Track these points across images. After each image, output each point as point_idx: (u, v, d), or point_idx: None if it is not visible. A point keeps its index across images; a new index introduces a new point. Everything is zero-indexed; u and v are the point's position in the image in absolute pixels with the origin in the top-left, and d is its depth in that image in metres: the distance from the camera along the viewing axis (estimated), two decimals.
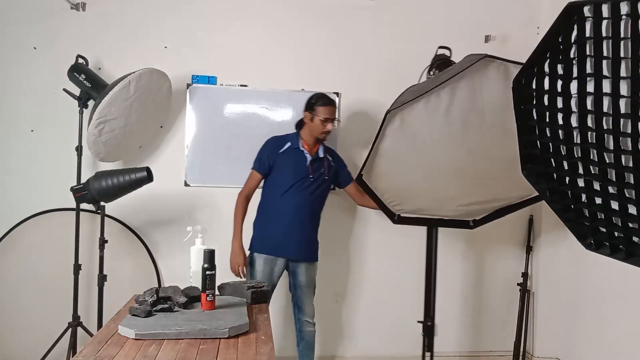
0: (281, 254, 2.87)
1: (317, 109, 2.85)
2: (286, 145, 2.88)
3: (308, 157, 2.89)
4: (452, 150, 2.63)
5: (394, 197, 2.80)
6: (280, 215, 2.85)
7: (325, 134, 2.88)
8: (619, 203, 1.24)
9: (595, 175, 1.27)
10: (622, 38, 1.08)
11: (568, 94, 1.24)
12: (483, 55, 2.42)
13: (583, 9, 1.13)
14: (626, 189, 1.20)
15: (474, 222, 2.94)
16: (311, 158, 2.89)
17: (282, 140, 2.91)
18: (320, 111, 2.84)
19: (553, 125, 1.32)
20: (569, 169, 1.33)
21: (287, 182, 2.85)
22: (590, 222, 1.37)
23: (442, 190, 2.76)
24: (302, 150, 2.89)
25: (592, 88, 1.18)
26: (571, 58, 1.21)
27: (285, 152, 2.87)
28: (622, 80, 1.10)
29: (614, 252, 1.35)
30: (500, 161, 2.62)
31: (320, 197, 2.96)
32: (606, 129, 1.18)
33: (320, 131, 2.86)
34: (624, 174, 1.19)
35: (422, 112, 2.54)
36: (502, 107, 2.51)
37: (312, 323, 3.00)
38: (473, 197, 2.80)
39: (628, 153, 1.14)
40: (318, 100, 2.87)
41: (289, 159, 2.87)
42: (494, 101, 2.52)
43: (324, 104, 2.86)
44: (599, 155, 1.23)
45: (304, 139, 2.91)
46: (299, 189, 2.85)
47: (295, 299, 3.00)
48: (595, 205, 1.33)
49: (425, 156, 2.65)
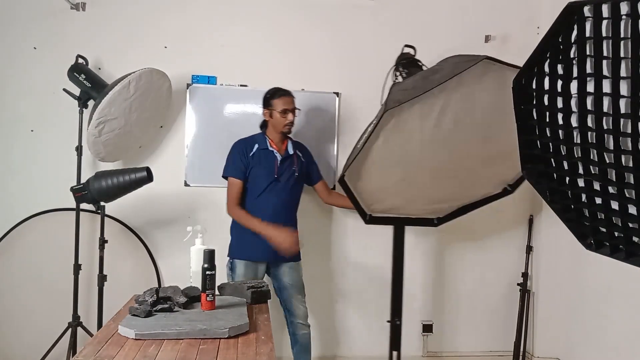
0: (261, 259, 2.84)
1: (273, 103, 2.83)
2: (254, 148, 2.84)
3: (278, 157, 2.85)
4: (437, 151, 2.65)
5: (369, 198, 2.78)
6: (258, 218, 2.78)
7: (288, 126, 2.84)
8: (619, 203, 1.24)
9: (595, 175, 1.27)
10: (622, 38, 1.08)
11: (568, 94, 1.24)
12: (483, 57, 2.42)
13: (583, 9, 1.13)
14: (626, 189, 1.20)
15: (438, 219, 2.97)
16: (281, 157, 2.86)
17: (249, 143, 2.87)
18: (276, 104, 2.82)
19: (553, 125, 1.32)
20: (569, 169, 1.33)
21: (261, 184, 2.82)
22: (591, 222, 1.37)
23: (418, 189, 2.78)
24: (271, 150, 2.85)
25: (592, 88, 1.18)
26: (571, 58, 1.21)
27: (254, 154, 2.83)
28: (622, 80, 1.10)
29: (614, 252, 1.35)
30: (475, 160, 2.70)
31: (295, 195, 2.94)
32: (606, 129, 1.18)
33: (283, 124, 2.82)
34: (624, 174, 1.19)
35: (417, 113, 2.52)
36: (493, 108, 2.55)
37: (305, 325, 2.96)
38: (444, 196, 2.85)
39: (628, 153, 1.14)
40: (273, 95, 2.85)
41: (259, 161, 2.82)
42: (485, 102, 2.53)
43: (279, 96, 2.83)
44: (599, 155, 1.23)
45: (270, 138, 2.87)
46: (273, 190, 2.82)
47: (283, 303, 2.97)
48: (595, 205, 1.33)
49: (412, 156, 2.65)
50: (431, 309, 3.57)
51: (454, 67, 2.46)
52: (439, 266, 3.56)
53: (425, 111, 2.51)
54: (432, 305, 3.57)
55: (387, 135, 2.53)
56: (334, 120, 3.41)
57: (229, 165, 2.86)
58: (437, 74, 2.51)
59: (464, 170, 2.75)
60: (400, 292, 2.88)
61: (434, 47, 3.13)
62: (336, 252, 3.46)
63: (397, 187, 2.74)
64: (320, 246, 3.43)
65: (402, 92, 2.50)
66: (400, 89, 2.59)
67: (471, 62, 2.39)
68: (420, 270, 3.55)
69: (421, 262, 3.55)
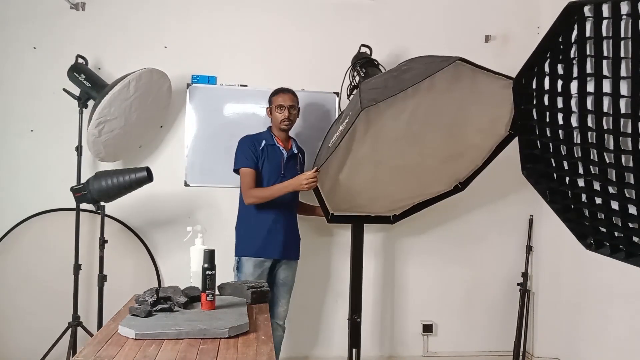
0: (269, 255, 2.84)
1: (272, 100, 2.90)
2: (262, 143, 2.85)
3: (284, 153, 2.88)
4: (405, 149, 2.66)
5: (336, 197, 2.78)
6: (264, 216, 2.81)
7: (284, 122, 2.86)
8: (619, 203, 1.24)
9: (595, 175, 1.27)
10: (622, 38, 1.08)
11: (568, 94, 1.25)
12: (456, 58, 2.34)
13: (583, 9, 1.13)
14: (626, 189, 1.20)
15: (394, 217, 2.99)
16: (287, 155, 2.89)
17: (257, 138, 2.89)
18: (274, 100, 2.88)
19: (553, 125, 1.32)
20: (569, 169, 1.34)
21: (268, 180, 2.82)
22: (591, 222, 1.37)
23: (383, 188, 2.81)
24: (278, 147, 2.88)
25: (592, 88, 1.18)
26: (571, 58, 1.21)
27: (263, 149, 2.84)
28: (622, 80, 1.11)
29: (614, 252, 1.35)
30: (438, 158, 2.75)
31: (297, 194, 2.93)
32: (606, 129, 1.18)
33: (279, 120, 2.85)
34: (624, 174, 1.19)
35: (390, 112, 2.49)
36: (459, 107, 2.55)
37: (281, 327, 2.97)
38: (405, 194, 2.89)
39: (628, 153, 1.14)
40: (274, 92, 2.92)
41: (267, 157, 2.84)
42: (454, 102, 2.53)
43: (277, 93, 2.90)
44: (599, 155, 1.23)
45: (276, 135, 2.91)
46: None
47: None
48: (595, 205, 1.33)
49: (381, 155, 2.66)
50: (431, 309, 3.57)
51: (427, 67, 2.41)
52: (438, 266, 3.56)
53: (398, 110, 2.49)
54: (432, 305, 3.57)
55: (360, 134, 2.52)
56: (333, 121, 3.40)
57: (240, 158, 2.84)
58: (408, 74, 2.48)
59: (426, 168, 2.79)
60: (360, 289, 2.90)
61: (434, 47, 3.13)
62: (336, 252, 3.45)
63: (364, 185, 2.76)
64: (321, 246, 3.43)
65: (375, 91, 2.46)
66: (371, 88, 2.55)
67: (445, 63, 2.35)
68: (420, 270, 3.54)
69: (421, 262, 3.54)
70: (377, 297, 3.50)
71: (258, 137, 2.90)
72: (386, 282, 3.52)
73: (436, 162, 2.78)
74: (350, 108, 2.61)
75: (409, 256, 3.54)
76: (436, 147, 2.71)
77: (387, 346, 3.53)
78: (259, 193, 2.78)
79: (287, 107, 2.86)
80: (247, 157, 2.82)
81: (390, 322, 3.53)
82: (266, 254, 2.83)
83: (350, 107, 2.65)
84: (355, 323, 2.88)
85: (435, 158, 2.76)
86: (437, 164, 2.79)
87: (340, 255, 3.45)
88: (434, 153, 2.73)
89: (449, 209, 3.41)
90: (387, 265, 3.51)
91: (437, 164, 2.79)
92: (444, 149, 2.73)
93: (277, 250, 2.84)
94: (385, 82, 2.56)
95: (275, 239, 2.83)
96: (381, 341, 3.53)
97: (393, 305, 3.54)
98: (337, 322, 3.47)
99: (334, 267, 3.46)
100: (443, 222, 3.52)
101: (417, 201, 2.98)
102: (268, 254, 2.84)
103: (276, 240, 2.83)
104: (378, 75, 2.80)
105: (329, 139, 2.67)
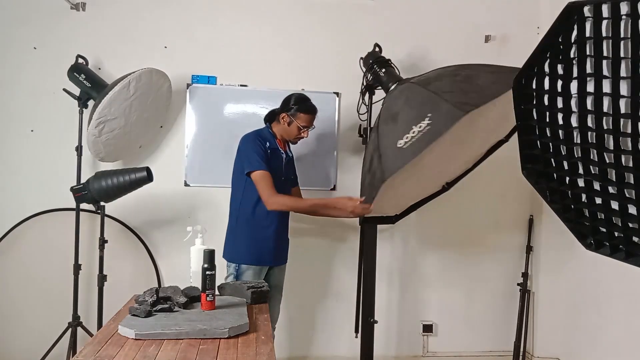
0: (268, 262, 2.72)
1: (298, 115, 2.66)
2: (267, 144, 2.67)
3: (284, 157, 2.75)
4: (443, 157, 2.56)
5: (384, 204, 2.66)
6: (268, 222, 2.66)
7: (298, 139, 2.75)
8: (619, 203, 1.24)
9: (595, 175, 1.27)
10: (622, 38, 1.08)
11: (568, 94, 1.24)
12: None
13: (583, 9, 1.13)
14: (626, 189, 1.20)
15: (395, 217, 2.93)
16: (286, 158, 2.77)
17: (263, 138, 2.68)
18: (302, 118, 2.67)
19: (553, 125, 1.32)
20: (569, 169, 1.33)
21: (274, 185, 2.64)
22: (590, 222, 1.37)
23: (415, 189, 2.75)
24: (279, 150, 2.73)
25: (592, 88, 1.18)
26: (571, 58, 1.21)
27: (268, 151, 2.66)
28: (622, 80, 1.10)
29: (614, 252, 1.35)
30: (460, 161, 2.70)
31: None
32: (606, 129, 1.18)
33: (295, 136, 2.71)
34: (624, 174, 1.19)
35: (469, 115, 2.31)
36: (498, 117, 2.49)
37: (273, 329, 2.87)
38: (414, 193, 2.81)
39: (628, 153, 1.14)
40: (301, 105, 2.68)
41: (271, 159, 2.66)
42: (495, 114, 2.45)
43: (307, 111, 2.67)
44: (599, 155, 1.23)
45: (277, 137, 2.74)
46: (281, 192, 2.66)
47: None
48: (595, 205, 1.33)
49: (427, 163, 2.51)
50: (431, 309, 3.57)
51: (498, 76, 2.27)
52: (438, 266, 3.56)
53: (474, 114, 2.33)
54: (432, 305, 3.57)
55: (443, 138, 2.30)
56: (333, 120, 3.41)
57: (255, 158, 2.58)
58: (479, 80, 2.33)
59: (443, 171, 2.75)
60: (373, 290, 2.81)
61: (434, 47, 3.13)
62: (336, 252, 3.46)
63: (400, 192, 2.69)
64: (320, 246, 3.43)
65: (462, 95, 2.25)
66: (446, 91, 2.34)
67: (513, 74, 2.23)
68: (420, 270, 3.55)
69: (421, 261, 3.55)
70: (376, 297, 3.50)
71: (263, 136, 2.70)
72: (386, 282, 3.52)
73: (451, 167, 2.72)
74: (418, 111, 2.32)
75: (409, 256, 3.54)
76: (460, 155, 2.65)
77: (387, 346, 3.53)
78: (291, 203, 2.61)
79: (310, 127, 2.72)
80: (262, 159, 2.58)
81: (390, 322, 3.53)
82: (265, 262, 2.70)
83: (413, 110, 2.36)
84: (370, 325, 2.79)
85: (457, 161, 2.70)
86: (454, 167, 2.72)
87: (340, 255, 3.46)
88: (458, 157, 2.67)
89: (449, 209, 3.42)
90: (386, 265, 3.51)
91: (449, 168, 2.72)
92: (467, 153, 2.67)
93: (273, 257, 2.73)
94: (457, 85, 2.38)
95: (276, 246, 2.71)
96: (381, 341, 3.52)
97: (393, 305, 3.54)
98: (336, 322, 3.47)
99: (334, 267, 3.46)
100: (443, 222, 3.52)
101: (415, 201, 2.95)
102: (267, 262, 2.71)
103: (276, 248, 2.71)
104: (427, 77, 2.58)
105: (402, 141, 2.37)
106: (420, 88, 2.45)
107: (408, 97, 2.49)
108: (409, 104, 2.45)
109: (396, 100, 2.54)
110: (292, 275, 3.13)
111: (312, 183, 3.37)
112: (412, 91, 2.52)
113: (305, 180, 3.28)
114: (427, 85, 2.46)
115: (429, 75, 2.63)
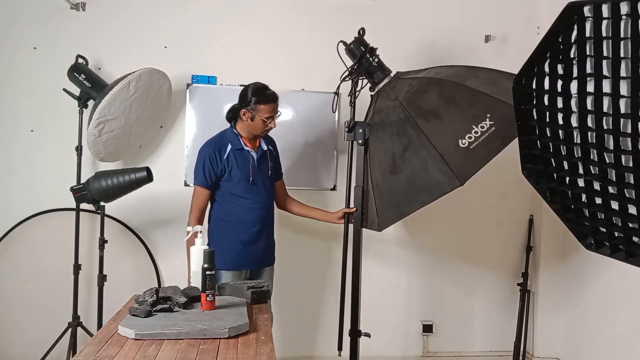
0: (246, 267, 2.63)
1: (259, 108, 2.51)
2: (228, 149, 2.57)
3: (254, 155, 2.61)
4: None
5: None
6: (240, 226, 2.59)
7: (267, 131, 2.61)
8: (619, 203, 1.24)
9: (595, 175, 1.27)
10: (622, 38, 1.08)
11: (568, 94, 1.24)
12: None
13: (583, 9, 1.13)
14: (626, 189, 1.20)
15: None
16: (257, 156, 2.62)
17: (220, 144, 2.58)
18: (263, 110, 2.51)
19: (553, 125, 1.32)
20: (569, 169, 1.33)
21: (239, 188, 2.58)
22: (590, 222, 1.37)
23: None
24: (247, 150, 2.60)
25: (592, 88, 1.18)
26: (571, 58, 1.21)
27: (228, 157, 2.56)
28: (622, 80, 1.10)
29: (614, 252, 1.35)
30: None
31: (273, 193, 2.73)
32: (606, 129, 1.18)
33: (262, 129, 2.57)
34: (624, 174, 1.19)
35: None
36: None
37: None
38: None
39: (628, 153, 1.14)
40: (259, 96, 2.52)
41: (235, 163, 2.56)
42: None
43: (267, 100, 2.52)
44: (599, 155, 1.23)
45: (243, 135, 2.61)
46: (253, 193, 2.59)
47: None
48: (595, 205, 1.33)
49: None
50: (431, 309, 3.57)
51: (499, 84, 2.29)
52: (438, 266, 3.56)
53: None
54: (432, 305, 3.57)
55: None
56: (333, 121, 3.40)
57: (196, 171, 2.58)
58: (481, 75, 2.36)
59: None
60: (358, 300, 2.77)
61: (434, 47, 3.13)
62: (335, 252, 3.45)
63: None
64: (320, 246, 3.43)
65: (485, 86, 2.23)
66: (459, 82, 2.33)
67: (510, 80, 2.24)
68: (420, 270, 3.54)
69: (421, 261, 3.54)
70: (376, 297, 3.50)
71: (221, 141, 2.60)
72: (386, 282, 3.52)
73: None
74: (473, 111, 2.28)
75: (409, 256, 3.54)
76: None
77: (387, 346, 3.53)
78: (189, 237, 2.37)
79: (276, 116, 2.58)
80: (204, 175, 2.55)
81: (390, 322, 3.52)
82: (242, 266, 2.62)
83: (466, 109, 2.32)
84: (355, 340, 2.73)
85: None
86: None
87: (339, 255, 3.45)
88: None
89: (449, 209, 3.41)
90: (386, 265, 3.51)
91: None
92: None
93: (252, 261, 2.64)
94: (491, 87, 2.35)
95: (253, 249, 2.62)
96: (381, 341, 3.52)
97: (393, 305, 3.54)
98: (336, 322, 3.47)
99: (333, 267, 3.46)
100: (443, 221, 3.52)
101: None
102: (244, 266, 2.62)
103: (253, 251, 2.62)
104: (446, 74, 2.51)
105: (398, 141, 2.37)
106: (461, 85, 2.36)
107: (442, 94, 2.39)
108: (453, 102, 2.37)
109: (423, 95, 2.43)
110: (290, 275, 3.14)
111: (312, 183, 3.37)
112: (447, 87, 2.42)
113: (306, 180, 3.28)
114: (464, 81, 2.39)
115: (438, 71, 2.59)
